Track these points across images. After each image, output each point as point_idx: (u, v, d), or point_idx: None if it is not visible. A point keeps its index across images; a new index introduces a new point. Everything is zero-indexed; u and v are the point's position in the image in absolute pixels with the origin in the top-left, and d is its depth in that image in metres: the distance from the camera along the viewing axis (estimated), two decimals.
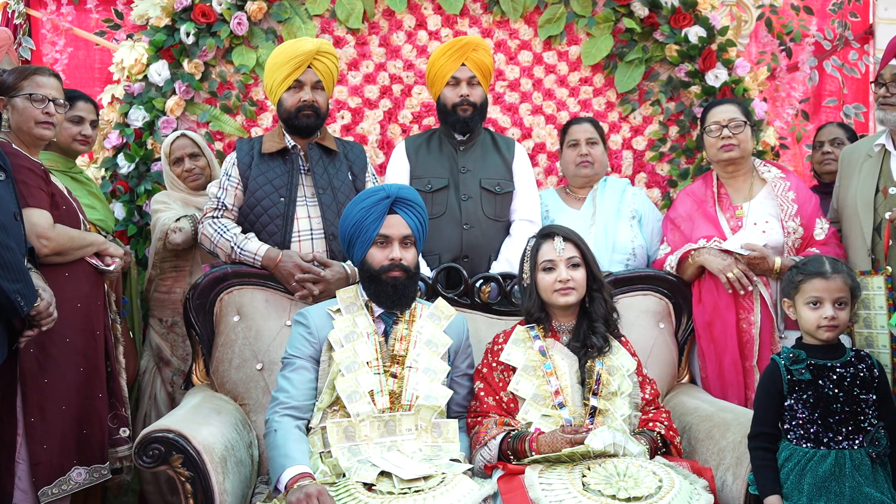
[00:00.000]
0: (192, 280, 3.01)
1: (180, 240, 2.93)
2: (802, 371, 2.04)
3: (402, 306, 2.30)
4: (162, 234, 2.98)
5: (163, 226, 2.99)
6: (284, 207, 2.63)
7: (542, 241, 2.35)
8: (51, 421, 2.33)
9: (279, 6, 3.38)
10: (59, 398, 2.35)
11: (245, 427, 2.38)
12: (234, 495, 2.08)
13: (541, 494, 1.93)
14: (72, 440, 2.38)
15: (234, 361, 2.52)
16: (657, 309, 2.68)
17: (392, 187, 2.31)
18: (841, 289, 2.05)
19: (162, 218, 3.01)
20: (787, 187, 2.73)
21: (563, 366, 2.25)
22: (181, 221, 2.96)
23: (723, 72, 3.41)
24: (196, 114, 3.39)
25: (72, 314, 2.40)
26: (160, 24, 3.32)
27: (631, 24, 3.43)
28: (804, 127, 3.77)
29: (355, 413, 2.14)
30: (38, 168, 2.42)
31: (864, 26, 3.90)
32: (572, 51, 3.53)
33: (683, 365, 2.68)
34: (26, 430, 2.29)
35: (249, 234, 2.64)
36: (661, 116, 3.52)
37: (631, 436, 2.15)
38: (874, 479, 1.98)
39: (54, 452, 2.33)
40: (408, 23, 3.49)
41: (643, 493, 1.89)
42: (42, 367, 2.33)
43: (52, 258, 2.36)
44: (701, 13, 3.42)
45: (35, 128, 2.42)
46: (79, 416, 2.40)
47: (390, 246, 2.27)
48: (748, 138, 2.75)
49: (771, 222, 2.69)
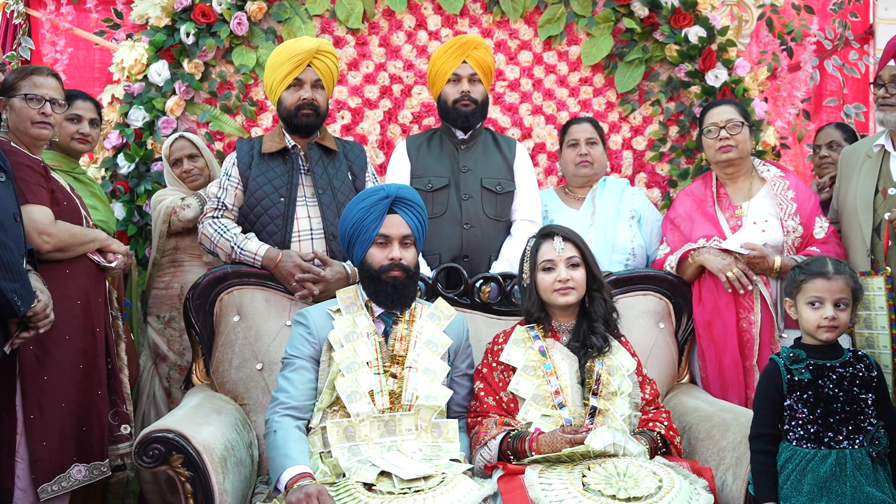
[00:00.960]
0: (186, 271, 3.02)
1: (191, 215, 2.96)
2: (802, 371, 2.03)
3: (402, 306, 2.29)
4: (166, 216, 2.99)
5: (167, 207, 2.99)
6: (284, 207, 2.62)
7: (541, 240, 2.34)
8: (50, 418, 2.32)
9: (279, 6, 3.37)
10: (59, 395, 2.35)
11: (245, 427, 2.38)
12: (234, 495, 2.08)
13: (541, 494, 1.93)
14: (71, 437, 2.38)
15: (234, 361, 2.51)
16: (657, 309, 2.67)
17: (391, 187, 2.30)
18: (842, 290, 2.05)
19: (167, 200, 3.02)
20: (786, 186, 2.72)
21: (563, 366, 2.24)
22: (188, 199, 2.98)
23: (723, 72, 3.40)
24: (196, 114, 3.38)
25: (72, 311, 2.39)
26: (160, 24, 3.31)
27: (631, 24, 3.42)
28: (805, 126, 3.76)
29: (355, 413, 2.14)
30: (38, 165, 2.41)
31: (865, 26, 3.90)
32: (572, 51, 3.52)
33: (683, 365, 2.68)
34: (26, 427, 2.29)
35: (250, 234, 2.63)
36: (661, 116, 3.51)
37: (631, 436, 2.14)
38: (875, 479, 1.97)
39: (54, 449, 2.32)
40: (408, 23, 3.48)
41: (643, 493, 1.88)
42: (42, 364, 2.32)
43: (53, 254, 2.35)
44: (701, 13, 3.41)
45: (31, 128, 2.41)
46: (78, 413, 2.40)
47: (390, 246, 2.26)
48: (746, 139, 2.74)
49: (770, 221, 2.68)
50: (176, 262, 3.07)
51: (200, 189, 3.11)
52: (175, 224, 2.99)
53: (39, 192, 2.35)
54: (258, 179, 2.65)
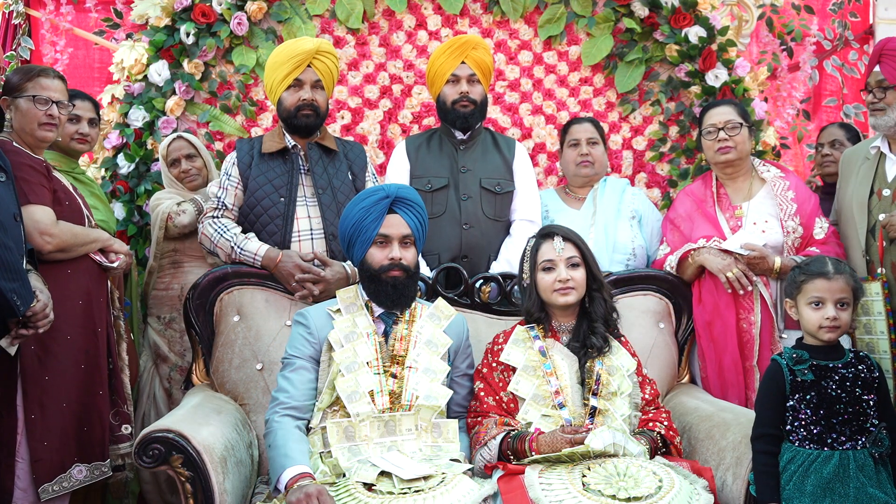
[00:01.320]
0: (187, 272, 3.01)
1: (186, 220, 2.94)
2: (805, 372, 2.02)
3: (402, 306, 2.28)
4: (163, 222, 2.98)
5: (163, 212, 2.98)
6: (284, 207, 2.61)
7: (541, 240, 2.34)
8: (51, 418, 2.31)
9: (279, 6, 3.36)
10: (60, 395, 2.34)
11: (245, 427, 2.37)
12: (234, 495, 2.07)
13: (541, 494, 1.92)
14: (72, 437, 2.37)
15: (234, 361, 2.50)
16: (657, 309, 2.66)
17: (391, 187, 2.29)
18: (843, 289, 2.04)
19: (163, 206, 3.01)
20: (786, 187, 2.71)
21: (562, 366, 2.24)
22: (184, 205, 2.96)
23: (723, 72, 3.39)
24: (196, 114, 3.36)
25: (73, 311, 2.38)
26: (160, 24, 3.30)
27: (631, 24, 3.41)
28: (805, 127, 3.76)
29: (355, 413, 2.13)
30: (40, 165, 2.40)
31: (865, 26, 3.89)
32: (572, 51, 3.51)
33: (683, 365, 2.67)
34: (27, 427, 2.28)
35: (249, 234, 2.62)
36: (661, 116, 3.50)
37: (631, 436, 2.14)
38: (878, 480, 1.96)
39: (55, 449, 2.31)
40: (408, 23, 3.47)
41: (643, 493, 1.87)
42: (43, 364, 2.31)
43: (55, 255, 2.34)
44: (701, 13, 3.40)
45: (38, 129, 2.41)
46: (80, 412, 2.39)
47: (390, 245, 2.25)
48: (745, 139, 2.73)
49: (770, 222, 2.67)
50: (176, 264, 3.06)
51: (199, 189, 3.10)
52: (171, 230, 2.98)
53: (41, 193, 2.35)
54: (258, 179, 2.64)
